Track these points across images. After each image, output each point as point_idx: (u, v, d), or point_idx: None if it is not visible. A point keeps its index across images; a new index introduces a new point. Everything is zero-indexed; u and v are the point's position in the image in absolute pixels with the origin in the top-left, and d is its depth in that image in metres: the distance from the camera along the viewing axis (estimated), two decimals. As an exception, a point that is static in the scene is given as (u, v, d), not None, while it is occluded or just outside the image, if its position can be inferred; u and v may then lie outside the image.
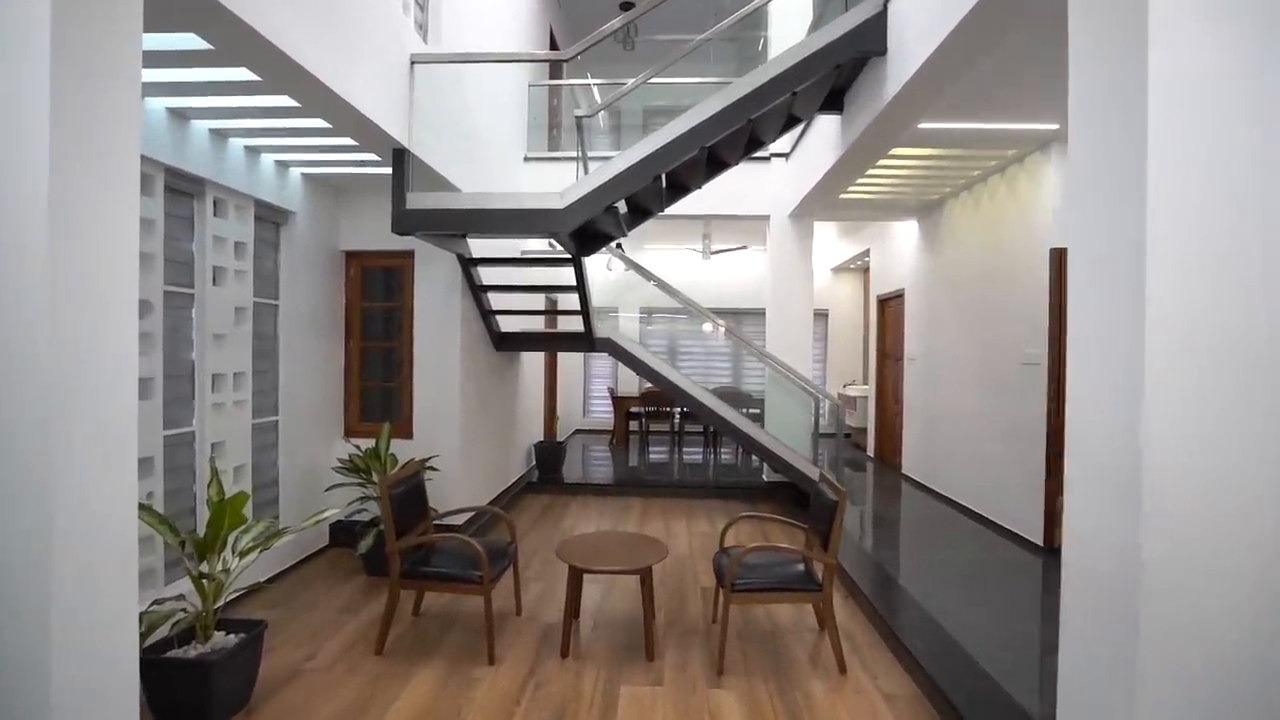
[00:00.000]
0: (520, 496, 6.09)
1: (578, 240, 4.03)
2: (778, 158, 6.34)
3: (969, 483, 5.32)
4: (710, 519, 5.48)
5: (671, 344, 10.68)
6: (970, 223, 5.42)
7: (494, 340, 5.28)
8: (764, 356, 5.95)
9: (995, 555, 4.28)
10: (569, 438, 9.71)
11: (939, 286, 6.06)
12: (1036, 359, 4.42)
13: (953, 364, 5.70)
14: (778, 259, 6.35)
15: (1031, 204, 4.50)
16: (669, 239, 9.56)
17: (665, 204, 4.25)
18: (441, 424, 4.53)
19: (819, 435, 6.18)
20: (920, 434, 6.47)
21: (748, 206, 6.36)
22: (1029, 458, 4.46)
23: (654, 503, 6.06)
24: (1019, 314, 4.66)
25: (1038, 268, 4.42)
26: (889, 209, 6.32)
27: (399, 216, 3.52)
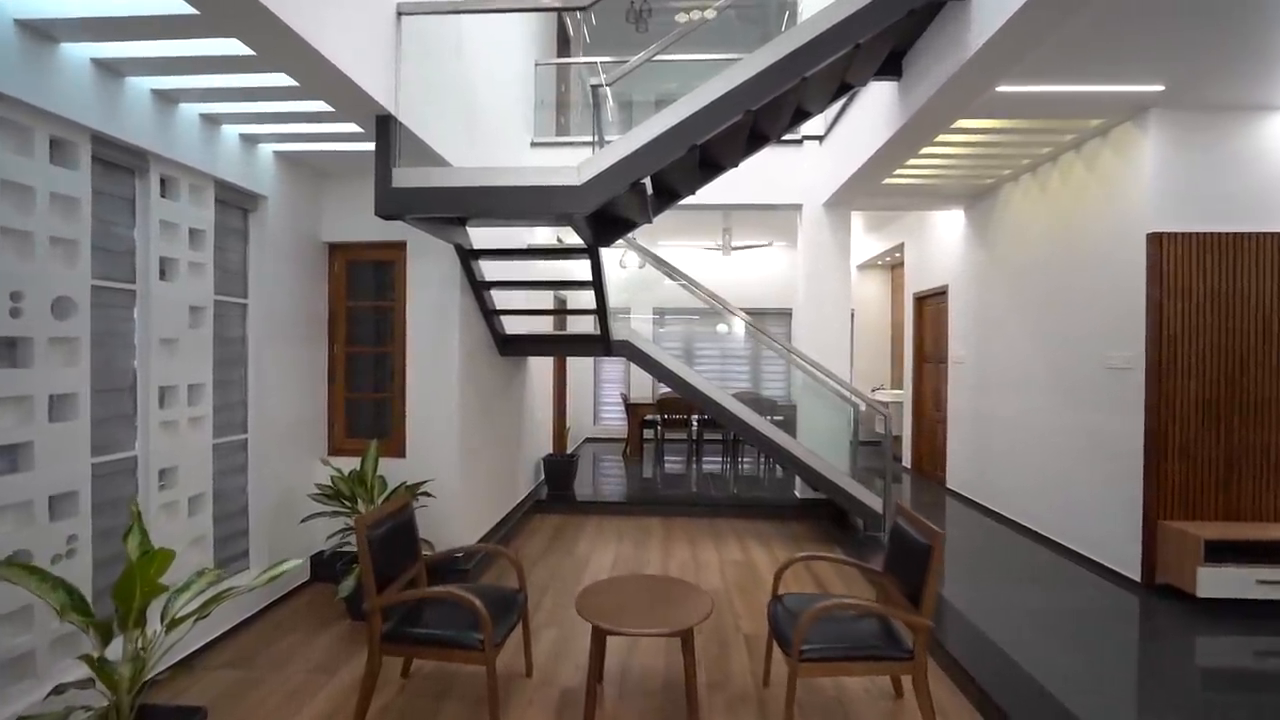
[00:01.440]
0: (529, 518, 5.50)
1: (595, 227, 3.44)
2: (811, 140, 5.75)
3: (1039, 503, 4.69)
4: (742, 543, 4.87)
5: (687, 347, 10.09)
6: (1035, 208, 4.80)
7: (497, 343, 4.69)
8: (801, 361, 5.34)
9: (1084, 593, 3.66)
10: (579, 447, 9.13)
11: (993, 281, 5.44)
12: (1126, 363, 3.80)
13: (1013, 368, 5.07)
14: (811, 253, 5.75)
15: (1120, 183, 3.89)
16: (685, 235, 8.98)
17: (697, 184, 3.66)
18: (438, 440, 3.95)
19: (857, 445, 5.59)
20: (970, 445, 5.84)
21: (777, 195, 5.77)
22: (1122, 478, 3.83)
23: (676, 523, 5.46)
24: (1101, 311, 4.04)
25: (1128, 257, 3.80)
26: (934, 196, 5.71)
27: (383, 196, 2.94)
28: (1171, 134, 3.64)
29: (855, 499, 4.81)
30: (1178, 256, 3.61)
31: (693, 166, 3.30)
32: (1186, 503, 3.64)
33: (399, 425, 4.02)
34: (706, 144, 3.20)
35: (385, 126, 2.95)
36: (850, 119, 4.97)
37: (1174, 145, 3.65)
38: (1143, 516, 3.67)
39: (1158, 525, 3.62)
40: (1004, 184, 5.21)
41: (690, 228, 8.53)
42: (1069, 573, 3.97)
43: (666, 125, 2.86)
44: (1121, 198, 3.87)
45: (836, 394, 5.44)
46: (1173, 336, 3.61)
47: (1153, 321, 3.63)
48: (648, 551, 4.66)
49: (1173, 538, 3.52)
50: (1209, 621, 3.27)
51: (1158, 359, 3.61)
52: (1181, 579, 3.46)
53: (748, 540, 4.96)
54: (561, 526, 5.33)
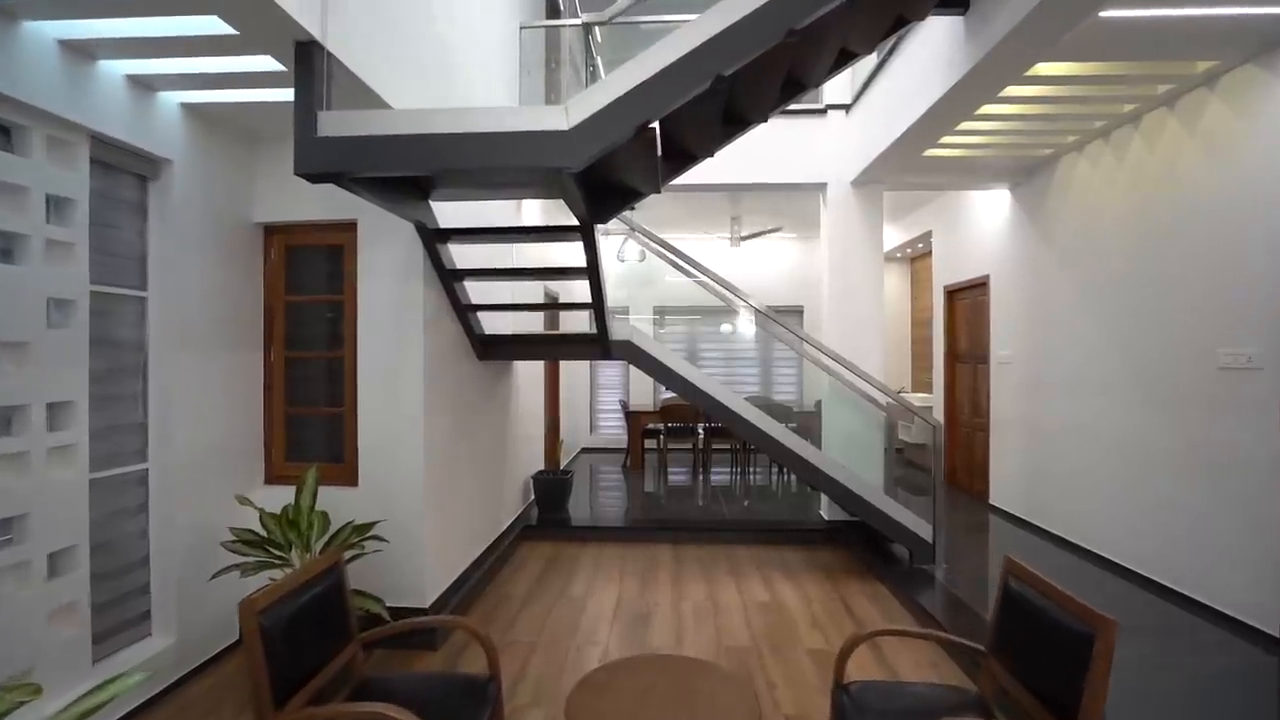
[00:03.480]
0: (516, 547, 4.74)
1: (589, 194, 2.71)
2: (835, 110, 5.03)
3: (1123, 531, 3.95)
4: (765, 578, 4.12)
5: (691, 348, 9.36)
6: (1108, 180, 4.08)
7: (475, 346, 3.95)
8: (831, 361, 4.60)
9: (1205, 653, 2.93)
10: (575, 458, 8.38)
11: (1050, 269, 4.71)
12: (1249, 362, 3.08)
13: (1082, 368, 4.34)
14: (838, 240, 5.02)
15: (1238, 140, 3.16)
16: (689, 225, 8.26)
17: (718, 141, 2.93)
18: (398, 465, 3.20)
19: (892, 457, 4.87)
20: (1021, 457, 5.12)
21: (798, 173, 5.05)
22: (1245, 504, 3.11)
23: (687, 551, 4.71)
24: (1207, 300, 3.32)
25: (1249, 231, 3.09)
26: (978, 173, 4.99)
27: (305, 148, 2.19)
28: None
29: (899, 524, 4.08)
30: (1321, 227, 2.88)
31: (715, 112, 2.57)
32: (1333, 535, 2.91)
33: (351, 447, 3.27)
34: (733, 83, 2.48)
35: (307, 57, 2.20)
36: (887, 80, 4.26)
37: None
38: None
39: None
40: (1064, 155, 4.49)
41: (695, 217, 7.81)
42: (1172, 619, 3.24)
43: (687, 46, 2.12)
44: (1240, 159, 3.15)
45: (870, 399, 4.72)
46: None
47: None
48: (656, 591, 3.91)
49: (1323, 581, 2.80)
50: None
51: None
52: (1337, 635, 2.74)
53: (772, 574, 4.21)
54: (554, 558, 4.57)
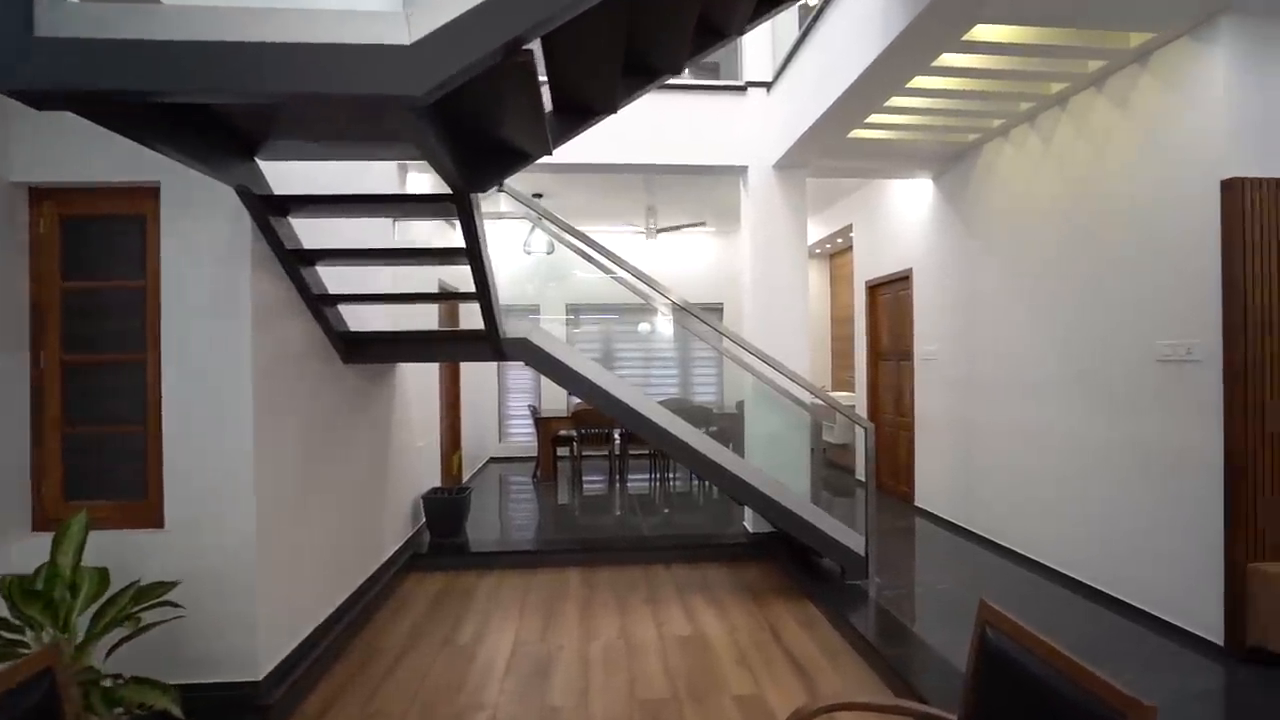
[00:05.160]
0: (399, 582, 4.04)
1: (461, 153, 2.13)
2: (756, 88, 4.65)
3: (1060, 535, 3.76)
4: (686, 605, 3.65)
5: (607, 349, 8.85)
6: (1035, 166, 3.89)
7: (338, 346, 3.25)
8: (752, 358, 4.20)
9: (1145, 661, 2.71)
10: (481, 470, 7.68)
11: (976, 259, 4.53)
12: (1188, 354, 2.90)
13: (1012, 362, 4.16)
14: (760, 226, 4.64)
15: (1171, 119, 2.98)
16: (602, 215, 7.75)
17: (620, 94, 2.41)
18: (221, 498, 2.48)
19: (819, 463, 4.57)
20: (949, 457, 4.93)
21: (716, 155, 4.64)
22: (1187, 507, 2.92)
23: (599, 575, 4.18)
24: (1143, 288, 3.14)
25: (1186, 215, 2.90)
26: (901, 160, 4.75)
27: (11, 52, 1.49)
28: (1248, 48, 2.75)
29: (828, 537, 3.72)
30: (1265, 210, 2.72)
31: (613, 47, 2.05)
32: (1276, 537, 2.76)
33: (154, 477, 2.52)
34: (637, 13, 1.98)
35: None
36: (811, 53, 3.90)
37: (1252, 65, 2.76)
38: (1224, 558, 2.76)
39: (1246, 570, 2.72)
40: (988, 141, 4.30)
41: (608, 207, 7.31)
42: (1111, 627, 3.02)
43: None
44: (1174, 139, 2.97)
45: (794, 399, 4.37)
46: (1258, 318, 2.71)
47: (1232, 298, 2.72)
48: (561, 629, 3.35)
49: (1275, 588, 2.62)
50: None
51: (1240, 349, 2.71)
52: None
53: (693, 599, 3.75)
54: (445, 592, 3.92)
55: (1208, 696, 2.52)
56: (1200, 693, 2.53)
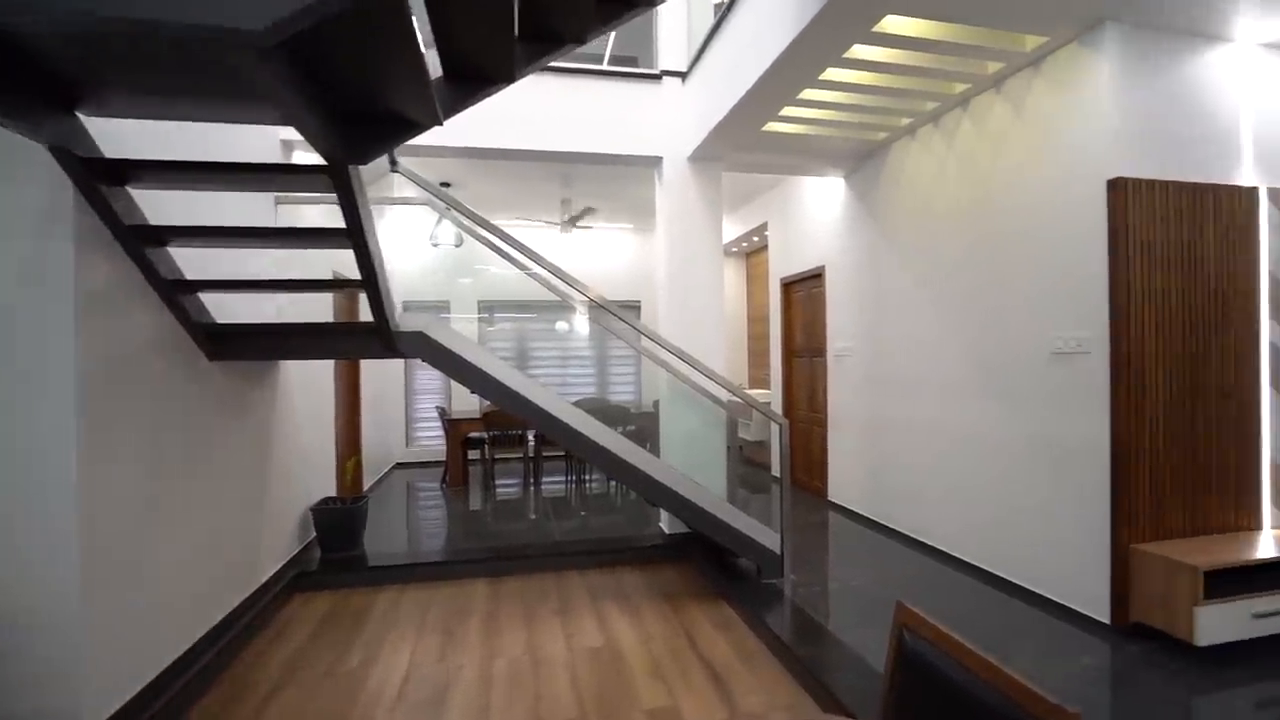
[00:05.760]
0: (280, 606, 3.63)
1: (334, 118, 1.86)
2: (671, 78, 4.54)
3: (966, 527, 3.86)
4: (599, 613, 3.48)
5: (521, 349, 8.54)
6: (939, 165, 3.99)
7: (201, 341, 2.85)
8: (670, 355, 4.08)
9: (1035, 643, 2.78)
10: (384, 477, 7.19)
11: (885, 257, 4.61)
12: (1079, 345, 3.01)
13: (919, 358, 4.25)
14: (675, 220, 4.54)
15: (1062, 121, 3.09)
16: (515, 208, 7.45)
17: (516, 61, 2.19)
18: (33, 522, 2.07)
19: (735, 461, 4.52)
20: (861, 452, 5.01)
21: (631, 144, 4.49)
22: (1078, 493, 3.03)
23: (508, 586, 3.93)
24: (1039, 284, 3.24)
25: (1076, 213, 3.02)
26: (815, 157, 4.78)
27: None
28: (1131, 53, 2.89)
29: (744, 536, 3.65)
30: (1143, 210, 2.85)
31: (504, 4, 1.83)
32: (1156, 520, 2.90)
33: (-54, 498, 2.07)
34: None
35: None
36: (724, 43, 3.82)
37: (1134, 68, 2.90)
38: (1110, 541, 2.87)
39: (1130, 551, 2.84)
40: (897, 140, 4.39)
41: (522, 199, 7.02)
42: (1012, 612, 3.10)
43: None
44: (1065, 141, 3.08)
45: (711, 396, 4.29)
46: (1139, 312, 2.85)
47: (1117, 293, 2.84)
48: (462, 648, 3.09)
49: (1155, 567, 2.74)
50: (1218, 679, 2.50)
51: (1124, 340, 2.83)
52: (1171, 621, 2.68)
53: (607, 606, 3.58)
54: (334, 613, 3.55)
55: (1096, 671, 2.61)
56: (1089, 669, 2.62)
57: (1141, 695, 2.44)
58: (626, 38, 5.50)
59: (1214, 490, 2.99)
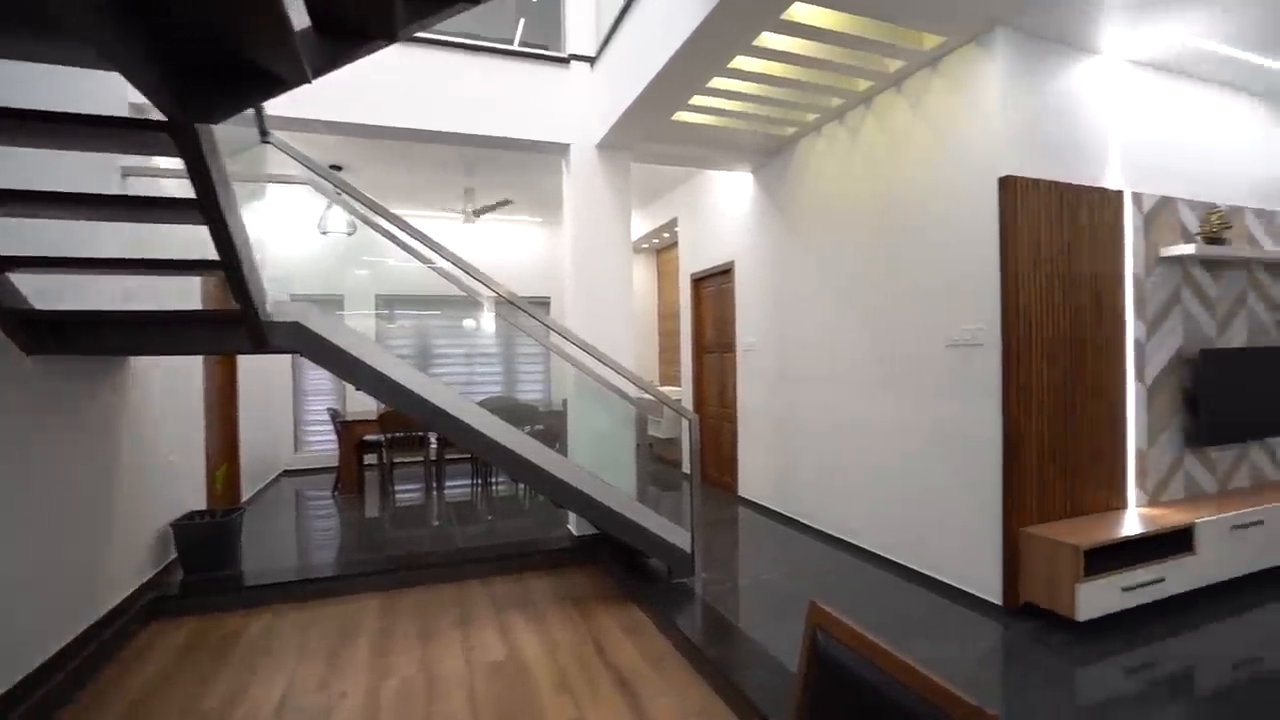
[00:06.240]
0: (126, 638, 3.15)
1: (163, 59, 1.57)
2: (580, 62, 4.38)
3: (871, 517, 3.94)
4: (503, 624, 3.26)
5: (424, 346, 8.10)
6: (844, 162, 4.06)
7: (14, 331, 2.40)
8: (577, 349, 3.91)
9: (932, 629, 2.86)
10: (270, 485, 6.58)
11: (793, 252, 4.67)
12: (973, 337, 3.13)
13: (826, 352, 4.31)
14: (582, 210, 4.38)
15: (958, 120, 3.20)
16: (417, 198, 7.04)
17: (404, 20, 1.95)
18: None
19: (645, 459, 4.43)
20: (769, 446, 5.05)
21: (537, 129, 4.28)
22: (973, 481, 3.14)
23: (404, 600, 3.63)
24: (940, 278, 3.35)
25: (970, 210, 3.13)
26: (724, 150, 4.76)
27: None
28: (1020, 58, 3.02)
29: (654, 536, 3.54)
30: (1030, 208, 2.99)
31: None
32: (1042, 504, 3.05)
33: None
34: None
35: None
36: (632, 27, 3.70)
37: (1022, 73, 3.03)
38: (1002, 525, 3.00)
39: (1019, 535, 2.97)
40: (804, 136, 4.44)
41: (423, 188, 6.62)
42: (914, 600, 3.18)
43: None
44: (960, 139, 3.19)
45: (620, 393, 4.17)
46: (1027, 305, 2.98)
47: (1008, 286, 2.96)
48: (347, 673, 2.79)
49: (1041, 549, 2.88)
50: (1096, 651, 2.64)
51: (1013, 332, 2.95)
52: (1055, 599, 2.82)
53: (512, 616, 3.37)
54: (197, 642, 3.13)
55: (990, 653, 2.71)
56: (983, 650, 2.71)
57: (1030, 673, 2.54)
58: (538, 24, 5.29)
59: (1089, 473, 3.19)
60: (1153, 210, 3.36)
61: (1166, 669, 2.55)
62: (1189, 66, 3.58)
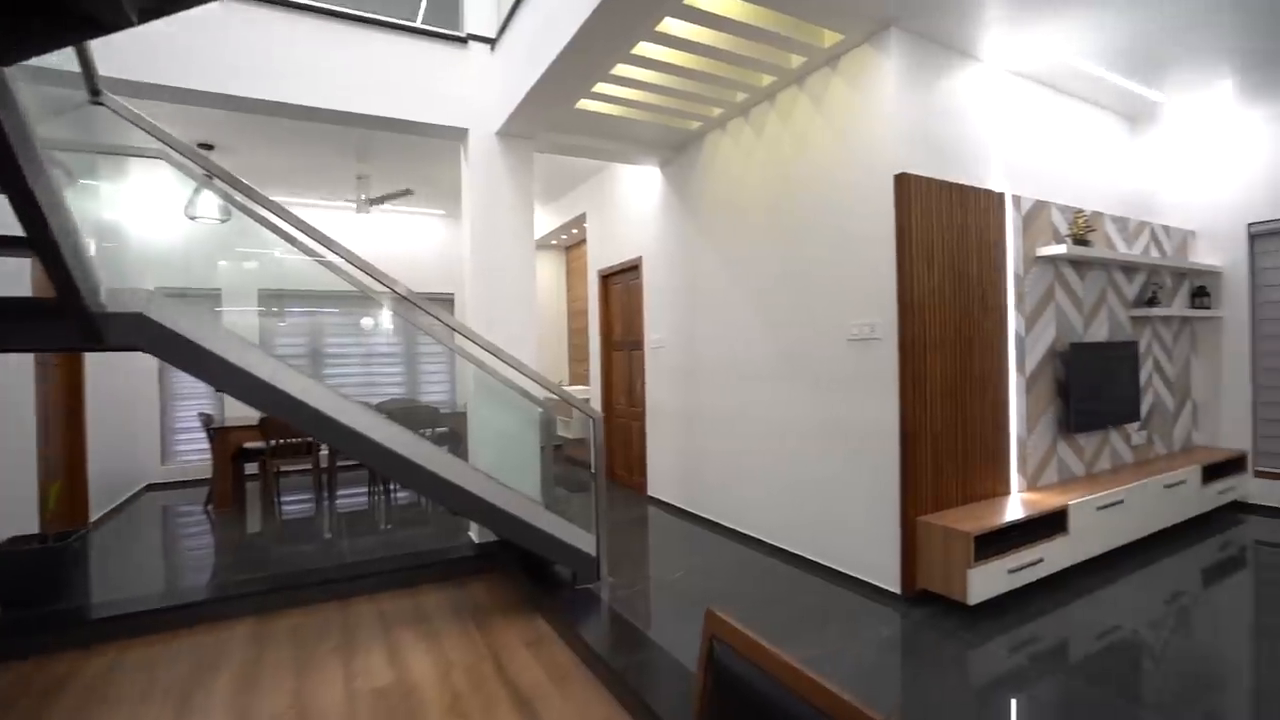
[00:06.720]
0: (-77, 688, 2.64)
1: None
2: (479, 43, 4.14)
3: (778, 513, 3.94)
4: (391, 644, 2.99)
5: (317, 346, 7.50)
6: (749, 158, 4.06)
7: None
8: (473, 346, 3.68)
9: (835, 621, 2.88)
10: (129, 502, 5.87)
11: (699, 248, 4.63)
12: (871, 332, 3.18)
13: (731, 349, 4.30)
14: (482, 201, 4.14)
15: (856, 118, 3.25)
16: (305, 186, 6.50)
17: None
18: None
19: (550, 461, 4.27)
20: (678, 445, 5.00)
21: (434, 112, 4.02)
22: (873, 473, 3.20)
23: (279, 625, 3.27)
24: (839, 274, 3.39)
25: (869, 207, 3.18)
26: (631, 143, 4.66)
27: None
28: (910, 59, 3.10)
29: (557, 541, 3.38)
30: (923, 205, 3.08)
31: None
32: (936, 492, 3.15)
33: None
34: None
35: None
36: (534, 6, 3.52)
37: (915, 74, 3.12)
38: (900, 515, 3.06)
39: (916, 524, 3.04)
40: (710, 132, 4.42)
41: (311, 175, 6.12)
42: (817, 593, 3.20)
43: None
44: (858, 136, 3.24)
45: (525, 393, 3.98)
46: (921, 300, 3.07)
47: (903, 281, 3.03)
48: (199, 716, 2.44)
49: (935, 537, 2.96)
50: (985, 632, 2.73)
51: (909, 326, 3.02)
52: (948, 585, 2.91)
53: (402, 635, 3.10)
54: (13, 693, 2.65)
55: (888, 641, 2.74)
56: (883, 637, 2.75)
57: (925, 658, 2.59)
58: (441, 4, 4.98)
59: (978, 462, 3.33)
60: (1030, 212, 3.57)
61: (1045, 644, 2.68)
62: (1061, 82, 3.84)
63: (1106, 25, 3.13)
